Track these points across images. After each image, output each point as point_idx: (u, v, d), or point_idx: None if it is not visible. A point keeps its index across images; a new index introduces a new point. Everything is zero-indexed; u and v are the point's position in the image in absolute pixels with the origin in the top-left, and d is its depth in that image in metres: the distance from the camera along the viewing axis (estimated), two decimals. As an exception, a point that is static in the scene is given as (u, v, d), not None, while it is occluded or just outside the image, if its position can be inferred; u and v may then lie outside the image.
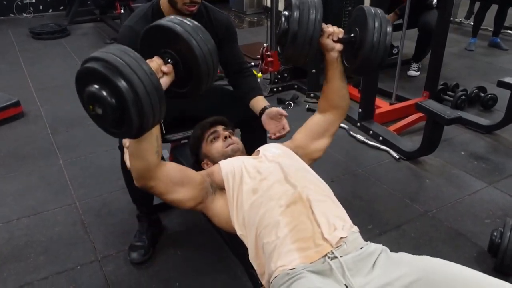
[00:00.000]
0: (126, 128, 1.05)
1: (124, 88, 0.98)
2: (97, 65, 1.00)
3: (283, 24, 1.40)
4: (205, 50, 1.17)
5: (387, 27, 1.39)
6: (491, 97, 3.39)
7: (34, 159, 2.70)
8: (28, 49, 4.96)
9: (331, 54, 1.49)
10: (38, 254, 1.94)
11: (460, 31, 5.44)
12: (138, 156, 1.26)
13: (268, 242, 1.25)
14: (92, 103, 1.03)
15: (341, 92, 1.57)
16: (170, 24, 1.17)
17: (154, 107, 1.04)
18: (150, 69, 1.04)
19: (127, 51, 1.04)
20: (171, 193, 1.36)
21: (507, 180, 2.50)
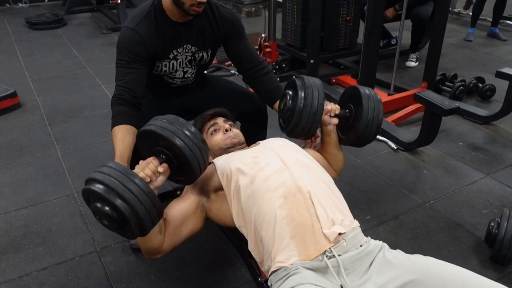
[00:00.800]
0: (129, 233, 1.20)
1: (121, 206, 1.12)
2: (96, 187, 1.14)
3: (288, 102, 1.56)
4: (191, 145, 1.26)
5: (380, 107, 1.55)
6: (489, 87, 3.39)
7: (31, 150, 2.69)
8: (25, 39, 4.93)
9: (328, 127, 1.64)
10: (36, 245, 1.94)
11: (459, 21, 5.42)
12: (144, 241, 1.33)
13: (266, 235, 1.24)
14: (98, 215, 1.18)
15: (337, 157, 1.70)
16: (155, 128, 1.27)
17: (151, 214, 1.17)
18: (142, 182, 1.17)
19: (120, 169, 1.17)
20: (180, 239, 1.42)
21: (504, 170, 2.50)
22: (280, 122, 1.66)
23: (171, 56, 1.77)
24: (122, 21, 5.20)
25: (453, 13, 5.70)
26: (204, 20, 1.74)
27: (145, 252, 1.39)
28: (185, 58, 1.81)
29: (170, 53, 1.76)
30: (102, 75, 3.82)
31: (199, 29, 1.76)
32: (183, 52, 1.78)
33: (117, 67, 1.71)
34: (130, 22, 1.71)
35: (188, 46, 1.78)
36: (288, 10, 3.76)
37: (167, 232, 1.38)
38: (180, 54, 1.78)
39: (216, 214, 1.44)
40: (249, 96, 2.07)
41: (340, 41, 3.71)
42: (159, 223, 1.31)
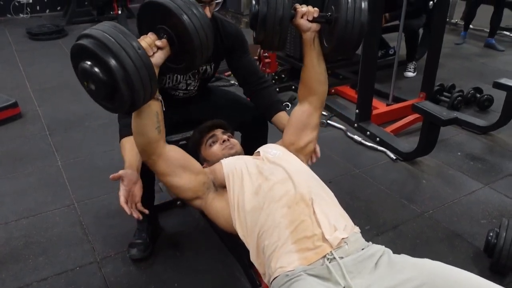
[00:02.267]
0: (118, 103, 1.09)
1: (113, 65, 1.02)
2: (88, 42, 1.04)
3: (253, 7, 1.37)
4: (198, 24, 1.18)
5: (362, 2, 1.35)
6: (487, 98, 3.41)
7: (32, 160, 2.70)
8: (26, 49, 4.95)
9: (307, 34, 1.46)
10: (37, 255, 1.94)
11: (456, 32, 5.46)
12: (139, 132, 1.30)
13: (269, 243, 1.25)
14: (85, 79, 1.08)
15: (319, 76, 1.53)
16: (163, 0, 1.19)
17: (145, 82, 1.08)
18: (139, 45, 1.08)
19: (117, 28, 1.08)
20: (171, 175, 1.39)
21: (503, 180, 2.52)
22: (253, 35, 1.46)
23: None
24: (123, 32, 5.24)
25: (450, 24, 5.75)
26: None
27: (141, 148, 1.35)
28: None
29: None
30: (102, 85, 3.83)
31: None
32: None
33: None
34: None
35: None
36: (287, 21, 3.79)
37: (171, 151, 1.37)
38: None
39: (216, 215, 1.45)
40: (249, 106, 2.08)
41: (339, 52, 3.74)
42: (158, 117, 1.29)
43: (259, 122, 2.05)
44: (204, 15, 1.22)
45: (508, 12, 5.17)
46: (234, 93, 2.22)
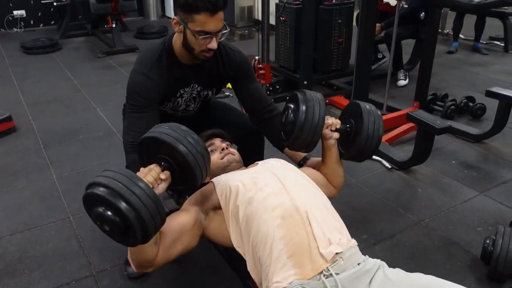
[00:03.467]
0: (132, 239, 1.16)
1: (126, 209, 1.10)
2: (100, 191, 1.12)
3: (290, 115, 1.56)
4: (195, 152, 1.26)
5: (380, 122, 1.57)
6: (480, 106, 3.45)
7: (26, 174, 2.69)
8: (19, 63, 4.95)
9: (329, 141, 1.63)
10: (32, 269, 1.92)
11: (448, 42, 5.53)
12: (138, 252, 1.30)
13: (264, 255, 1.25)
14: (99, 221, 1.15)
15: (337, 172, 1.70)
16: (158, 134, 1.27)
17: (156, 219, 1.15)
18: (147, 186, 1.15)
19: (123, 172, 1.16)
20: (173, 254, 1.39)
21: (497, 188, 2.53)
22: (282, 135, 1.66)
23: (178, 95, 1.79)
24: (117, 45, 5.26)
25: (442, 34, 5.82)
26: (212, 61, 1.74)
27: (137, 265, 1.36)
28: (190, 95, 1.83)
29: (177, 92, 1.78)
30: (97, 98, 3.84)
31: (207, 70, 1.78)
32: (189, 90, 1.81)
33: (129, 111, 1.70)
34: (141, 66, 1.69)
35: (194, 85, 1.80)
36: (281, 33, 3.83)
37: (162, 245, 1.35)
38: (186, 92, 1.80)
39: (214, 233, 1.44)
40: (245, 118, 2.09)
41: (333, 63, 3.78)
42: (156, 236, 1.29)
43: (255, 134, 2.05)
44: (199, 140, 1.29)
45: (498, 22, 5.26)
46: (230, 105, 2.23)
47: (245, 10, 6.72)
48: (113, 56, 5.16)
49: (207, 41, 1.58)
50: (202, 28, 1.54)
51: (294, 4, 3.59)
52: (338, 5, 3.58)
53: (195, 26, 1.54)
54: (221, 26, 1.58)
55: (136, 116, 1.67)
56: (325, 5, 3.56)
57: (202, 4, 1.48)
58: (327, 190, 1.63)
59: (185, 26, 1.56)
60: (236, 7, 6.61)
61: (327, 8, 3.55)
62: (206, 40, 1.57)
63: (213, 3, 1.49)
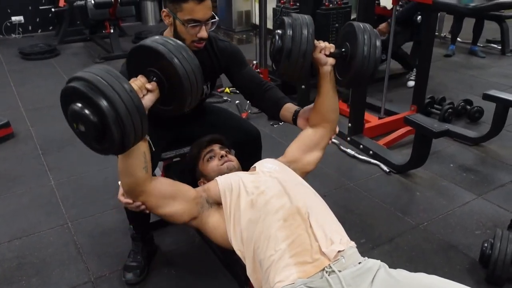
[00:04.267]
0: (108, 144, 1.09)
1: (105, 107, 1.02)
2: (79, 84, 1.05)
3: (277, 42, 1.47)
4: (188, 68, 1.21)
5: (376, 40, 1.46)
6: (477, 109, 3.46)
7: (25, 180, 2.68)
8: (18, 69, 4.95)
9: (324, 68, 1.55)
10: (30, 276, 1.92)
11: (445, 45, 5.54)
12: (127, 172, 1.30)
13: (265, 257, 1.25)
14: (75, 121, 1.08)
15: (333, 105, 1.62)
16: (154, 44, 1.21)
17: (136, 124, 1.08)
18: (131, 87, 1.09)
19: (109, 71, 1.09)
20: (163, 207, 1.39)
21: (495, 191, 2.53)
22: (272, 65, 1.58)
23: None
24: (115, 50, 5.26)
25: (440, 37, 5.84)
26: (204, 54, 1.76)
27: (128, 188, 1.34)
28: None
29: None
30: (95, 104, 3.83)
31: (200, 63, 1.78)
32: None
33: None
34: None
35: None
36: (278, 38, 3.83)
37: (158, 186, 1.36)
38: None
39: (212, 231, 1.44)
40: (242, 123, 2.09)
41: (330, 67, 3.78)
42: (145, 158, 1.29)
43: (252, 139, 2.06)
44: (194, 58, 1.25)
45: (495, 25, 5.28)
46: (227, 110, 2.23)
47: (243, 14, 6.73)
48: (111, 61, 5.16)
49: (196, 29, 1.60)
50: (190, 17, 1.57)
51: (291, 9, 3.61)
52: (335, 10, 3.60)
53: (183, 15, 1.57)
54: (210, 14, 1.61)
55: None
56: (322, 10, 3.57)
57: None
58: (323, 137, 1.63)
59: (174, 17, 1.59)
60: (234, 12, 6.63)
61: (324, 13, 3.57)
62: (195, 28, 1.59)
63: None
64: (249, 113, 3.50)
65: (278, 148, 1.81)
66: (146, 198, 1.36)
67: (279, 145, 2.98)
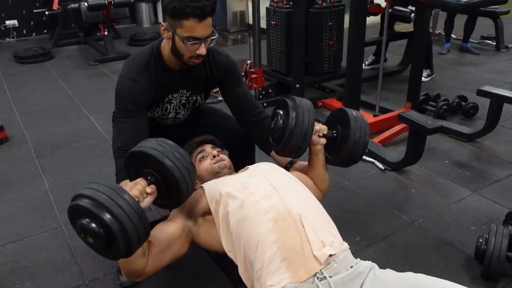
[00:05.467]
0: (115, 252, 1.16)
1: (110, 221, 1.10)
2: (84, 202, 1.12)
3: (279, 121, 1.58)
4: (182, 168, 1.27)
5: (367, 128, 1.60)
6: (472, 105, 3.46)
7: (19, 184, 2.67)
8: (12, 73, 4.94)
9: (316, 147, 1.66)
10: (24, 280, 1.91)
11: (440, 42, 5.55)
12: (126, 263, 1.32)
13: (256, 259, 1.24)
14: (83, 233, 1.15)
15: (323, 177, 1.73)
16: (145, 149, 1.28)
17: (140, 233, 1.15)
18: (131, 199, 1.16)
19: (108, 184, 1.16)
20: (162, 265, 1.41)
21: (490, 187, 2.53)
22: (270, 141, 1.67)
23: (166, 100, 1.79)
24: (110, 53, 5.26)
25: (434, 34, 5.85)
26: (200, 66, 1.74)
27: (128, 275, 1.38)
28: (179, 101, 1.83)
29: (166, 97, 1.78)
30: (89, 106, 3.83)
31: (195, 75, 1.78)
32: (178, 96, 1.80)
33: (118, 117, 1.70)
34: (130, 71, 1.69)
35: (183, 91, 1.80)
36: (272, 37, 3.83)
37: (151, 255, 1.36)
38: (175, 98, 1.80)
39: (204, 239, 1.44)
40: (236, 124, 2.08)
41: (324, 65, 3.78)
42: (143, 246, 1.30)
43: (246, 140, 2.05)
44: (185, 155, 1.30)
45: (489, 21, 5.29)
46: (221, 111, 2.22)
47: (237, 15, 6.73)
48: (106, 64, 5.16)
49: (195, 46, 1.58)
50: (190, 34, 1.54)
51: (284, 8, 3.60)
52: (328, 8, 3.59)
53: (183, 32, 1.54)
54: (209, 32, 1.59)
55: (125, 121, 1.67)
56: (316, 8, 3.56)
57: (191, 10, 1.49)
58: (314, 193, 1.62)
59: (174, 32, 1.56)
60: (229, 12, 6.63)
61: (317, 11, 3.56)
62: (195, 46, 1.57)
63: (201, 9, 1.49)
64: (244, 113, 3.49)
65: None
66: (146, 276, 1.39)
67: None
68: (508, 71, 4.61)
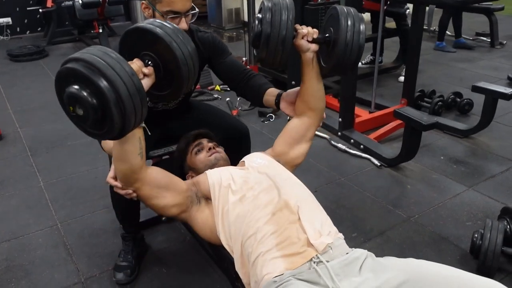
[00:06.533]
0: (107, 128, 1.05)
1: (106, 88, 0.98)
2: (78, 65, 1.00)
3: (257, 27, 1.41)
4: (186, 52, 1.17)
5: (360, 25, 1.39)
6: (467, 102, 3.46)
7: (13, 182, 2.65)
8: (6, 71, 4.91)
9: (307, 54, 1.47)
10: (19, 278, 1.90)
11: (435, 39, 5.55)
12: (122, 158, 1.28)
13: (253, 250, 1.25)
14: (72, 104, 1.03)
15: (318, 93, 1.55)
16: (151, 26, 1.17)
17: (136, 107, 1.04)
18: (132, 70, 1.05)
19: (108, 52, 1.05)
20: (156, 197, 1.38)
21: (486, 182, 2.54)
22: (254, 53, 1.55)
23: None
24: (104, 50, 5.23)
25: (429, 31, 5.86)
26: None
27: (122, 175, 1.33)
28: None
29: None
30: (84, 104, 3.80)
31: None
32: None
33: None
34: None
35: None
36: (267, 34, 3.82)
37: (152, 174, 1.36)
38: None
39: (202, 226, 1.44)
40: (231, 120, 2.08)
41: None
42: (140, 143, 1.28)
43: (241, 136, 2.05)
44: (190, 42, 1.21)
45: (484, 18, 5.30)
46: (217, 107, 2.22)
47: (232, 12, 6.72)
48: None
49: (176, 21, 1.57)
50: (169, 8, 1.55)
51: (280, 5, 3.59)
52: (324, 5, 3.58)
53: (162, 7, 1.56)
54: (189, 6, 1.59)
55: None
56: (311, 5, 3.55)
57: None
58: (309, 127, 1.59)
59: (154, 8, 1.58)
60: (224, 10, 6.61)
61: (313, 8, 3.55)
62: (175, 20, 1.57)
63: None
64: (239, 110, 3.49)
65: (268, 144, 1.79)
66: (140, 185, 1.35)
67: (269, 141, 2.95)
68: (502, 67, 4.63)
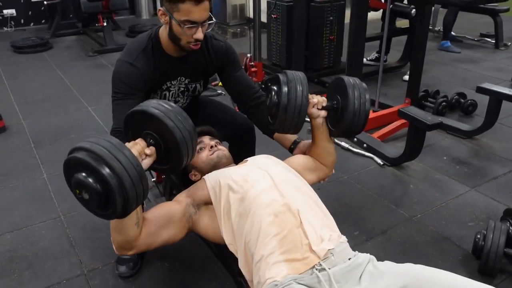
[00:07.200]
0: (111, 211, 1.11)
1: (108, 175, 1.05)
2: (82, 155, 1.07)
3: (273, 97, 1.52)
4: (185, 132, 1.24)
5: (366, 96, 1.53)
6: (471, 103, 3.46)
7: (17, 174, 2.66)
8: (10, 63, 4.91)
9: (317, 120, 1.61)
10: (22, 269, 1.91)
11: (439, 39, 5.54)
12: (119, 230, 1.30)
13: (256, 251, 1.25)
14: (79, 189, 1.10)
15: (328, 150, 1.68)
16: (151, 109, 1.24)
17: (138, 192, 1.10)
18: (132, 155, 1.11)
19: (109, 138, 1.11)
20: (155, 243, 1.40)
21: (488, 183, 2.54)
22: (268, 119, 1.64)
23: (164, 87, 1.78)
24: (109, 44, 5.23)
25: (433, 31, 5.85)
26: (198, 53, 1.74)
27: (118, 245, 1.35)
28: (178, 89, 1.83)
29: (164, 85, 1.77)
30: (88, 97, 3.82)
31: (194, 62, 1.78)
32: (176, 84, 1.80)
33: (114, 100, 1.69)
34: (127, 56, 1.69)
35: (181, 78, 1.80)
36: (273, 31, 3.83)
37: (147, 230, 1.36)
38: (173, 86, 1.80)
39: (205, 229, 1.45)
40: (235, 116, 2.08)
41: (324, 60, 3.78)
42: (137, 214, 1.29)
43: (246, 132, 2.05)
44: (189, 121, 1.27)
45: (489, 19, 5.29)
46: (221, 103, 2.22)
47: (237, 8, 6.70)
48: (105, 55, 5.13)
49: (192, 31, 1.58)
50: (187, 18, 1.55)
51: (285, 2, 3.60)
52: (330, 2, 3.59)
53: (180, 16, 1.55)
54: (206, 16, 1.59)
55: (121, 103, 1.65)
56: (317, 2, 3.56)
57: None
58: (320, 172, 1.65)
59: (171, 16, 1.57)
60: (228, 5, 6.60)
61: (318, 5, 3.55)
62: (192, 30, 1.57)
63: None
64: (243, 106, 3.49)
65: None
66: (136, 250, 1.38)
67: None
68: (507, 68, 4.62)
